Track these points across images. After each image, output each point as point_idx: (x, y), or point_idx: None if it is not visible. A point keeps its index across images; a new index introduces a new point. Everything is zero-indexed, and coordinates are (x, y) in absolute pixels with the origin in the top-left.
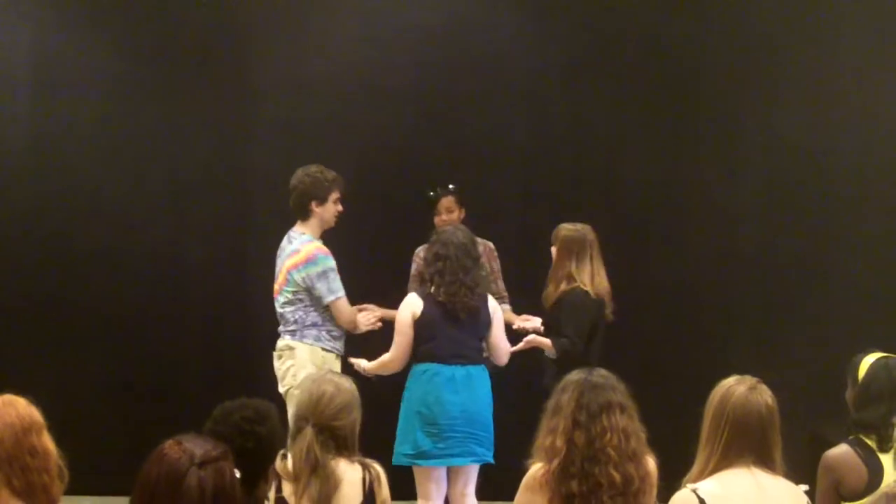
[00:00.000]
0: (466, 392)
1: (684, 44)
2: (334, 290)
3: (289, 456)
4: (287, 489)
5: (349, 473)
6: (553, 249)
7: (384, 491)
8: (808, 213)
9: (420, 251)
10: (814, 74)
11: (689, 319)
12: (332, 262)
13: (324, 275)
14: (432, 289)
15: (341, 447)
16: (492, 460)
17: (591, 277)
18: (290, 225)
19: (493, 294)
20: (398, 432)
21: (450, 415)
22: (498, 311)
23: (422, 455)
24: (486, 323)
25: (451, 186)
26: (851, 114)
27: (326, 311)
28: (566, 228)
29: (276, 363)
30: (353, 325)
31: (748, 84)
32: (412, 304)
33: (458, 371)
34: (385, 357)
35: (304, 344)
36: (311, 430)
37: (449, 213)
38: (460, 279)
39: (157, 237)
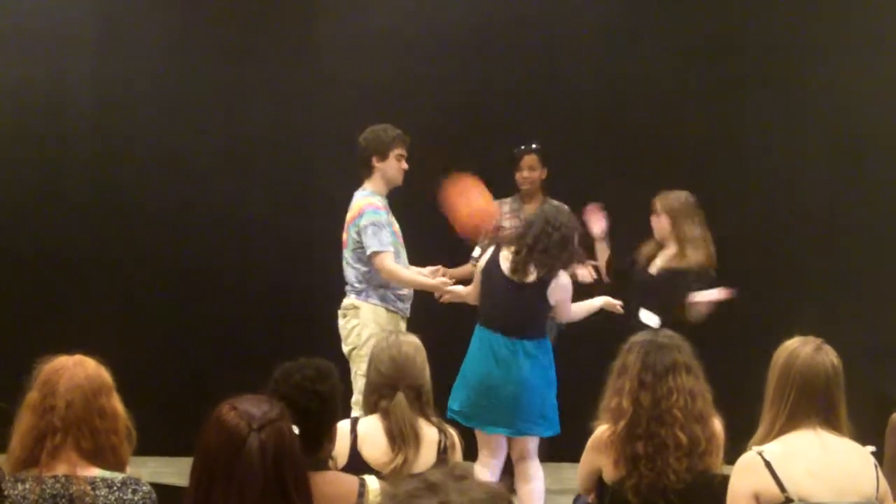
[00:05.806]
0: (503, 366)
1: None
2: (371, 245)
3: (366, 420)
4: (368, 452)
5: (428, 434)
6: (660, 218)
7: (457, 457)
8: (877, 170)
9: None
10: (882, 23)
11: (754, 279)
12: (378, 216)
13: (366, 228)
14: (510, 258)
15: (424, 405)
16: (538, 433)
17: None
18: (354, 182)
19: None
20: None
21: (480, 384)
22: (558, 291)
23: (461, 414)
24: (544, 301)
25: (534, 145)
26: None
27: None
28: (674, 197)
29: (341, 322)
30: (400, 283)
31: (814, 36)
32: (483, 256)
33: (500, 341)
34: (465, 289)
35: (368, 303)
36: (401, 395)
37: (531, 171)
38: (539, 251)
39: (219, 194)
